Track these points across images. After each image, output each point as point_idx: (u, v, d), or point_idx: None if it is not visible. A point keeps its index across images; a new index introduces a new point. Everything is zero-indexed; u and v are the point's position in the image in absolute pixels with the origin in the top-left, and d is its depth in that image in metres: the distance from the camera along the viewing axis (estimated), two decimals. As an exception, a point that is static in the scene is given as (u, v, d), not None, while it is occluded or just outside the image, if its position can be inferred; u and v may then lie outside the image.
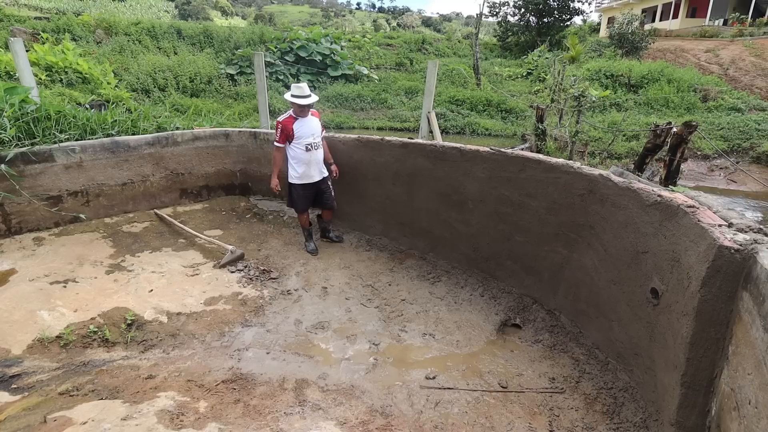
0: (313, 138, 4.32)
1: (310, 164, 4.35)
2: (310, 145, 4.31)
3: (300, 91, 4.19)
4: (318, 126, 4.41)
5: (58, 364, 2.89)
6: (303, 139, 4.27)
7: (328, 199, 4.62)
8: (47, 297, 3.49)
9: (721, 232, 2.03)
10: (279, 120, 4.26)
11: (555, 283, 3.54)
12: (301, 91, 4.19)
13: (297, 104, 4.17)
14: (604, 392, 2.80)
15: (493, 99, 17.57)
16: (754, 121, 13.51)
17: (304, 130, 4.28)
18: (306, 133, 4.28)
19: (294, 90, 4.21)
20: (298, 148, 4.28)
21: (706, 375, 2.08)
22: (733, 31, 22.63)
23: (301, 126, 4.27)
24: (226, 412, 2.52)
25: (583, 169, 3.15)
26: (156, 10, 38.90)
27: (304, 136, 4.27)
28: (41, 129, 4.51)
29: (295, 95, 4.18)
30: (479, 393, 2.83)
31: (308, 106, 4.24)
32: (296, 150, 4.29)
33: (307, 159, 4.32)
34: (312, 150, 4.33)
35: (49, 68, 13.03)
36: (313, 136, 4.32)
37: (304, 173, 4.38)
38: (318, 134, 4.38)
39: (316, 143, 4.35)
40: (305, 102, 4.16)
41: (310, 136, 4.29)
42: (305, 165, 4.34)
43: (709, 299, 2.00)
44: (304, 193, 4.48)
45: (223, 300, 3.80)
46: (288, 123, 4.24)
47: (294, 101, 4.18)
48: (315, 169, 4.42)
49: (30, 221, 4.37)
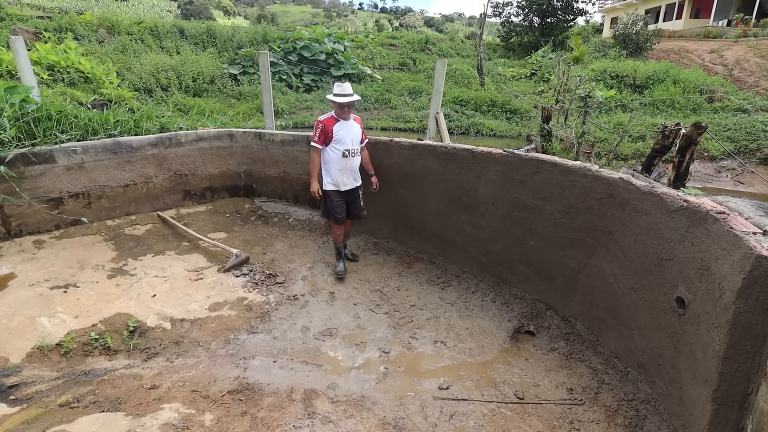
0: (352, 144, 4.02)
1: (344, 171, 4.04)
2: (348, 152, 4.00)
3: (341, 89, 3.93)
4: (359, 132, 4.11)
5: (58, 374, 2.79)
6: (341, 144, 3.97)
7: (356, 208, 4.26)
8: (47, 302, 3.39)
9: (756, 241, 1.92)
10: (320, 119, 3.99)
11: (570, 290, 3.43)
12: (343, 90, 3.92)
13: (337, 103, 3.90)
14: (625, 404, 2.69)
15: (498, 99, 17.42)
16: (761, 122, 13.37)
17: (344, 133, 3.99)
18: (346, 137, 3.98)
19: (335, 89, 3.96)
20: (335, 152, 3.97)
21: (741, 390, 1.98)
22: (737, 31, 22.47)
23: (342, 129, 3.98)
24: (232, 425, 2.41)
25: (602, 173, 3.04)
26: (158, 10, 38.86)
27: (343, 140, 3.98)
28: (42, 129, 4.42)
29: (337, 93, 3.92)
30: (495, 405, 2.72)
31: (349, 106, 3.98)
32: (332, 153, 3.98)
33: (342, 165, 4.01)
34: (349, 157, 4.01)
35: (51, 67, 12.93)
36: (353, 141, 4.02)
37: (338, 179, 4.04)
38: (358, 140, 4.09)
39: (354, 150, 4.04)
40: (345, 100, 3.88)
41: (349, 142, 3.99)
42: (339, 171, 4.02)
43: (745, 311, 1.89)
44: (339, 201, 4.11)
45: (228, 305, 3.70)
46: (329, 123, 3.95)
47: (334, 99, 3.92)
48: (349, 176, 4.10)
49: (30, 224, 4.27)
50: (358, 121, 4.15)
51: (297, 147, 5.29)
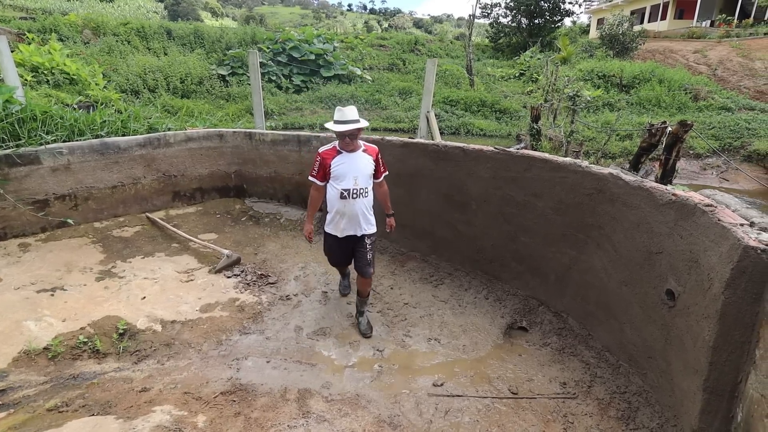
0: (355, 182, 3.16)
1: (342, 215, 3.23)
2: (347, 192, 3.15)
3: (342, 114, 3.09)
4: (368, 166, 3.24)
5: (46, 378, 2.73)
6: (340, 182, 3.15)
7: (360, 260, 3.34)
8: (34, 306, 3.32)
9: (744, 232, 1.95)
10: (320, 150, 3.24)
11: (562, 285, 3.45)
12: (343, 115, 3.08)
13: (335, 132, 3.11)
14: (618, 397, 2.72)
15: (487, 99, 17.54)
16: (745, 120, 13.64)
17: (345, 169, 3.15)
18: (347, 173, 3.15)
19: (335, 114, 3.14)
20: (333, 190, 3.21)
21: (730, 380, 2.01)
22: (720, 32, 22.91)
23: (342, 163, 3.16)
24: (226, 426, 2.39)
25: (592, 168, 3.07)
26: (145, 11, 38.42)
27: (343, 177, 3.15)
28: (26, 130, 4.34)
29: (337, 120, 3.09)
30: (489, 400, 2.73)
31: (353, 135, 3.14)
32: (330, 191, 3.25)
33: (340, 208, 3.20)
34: (348, 198, 3.16)
35: (35, 69, 12.72)
36: (357, 179, 3.17)
37: (335, 224, 3.29)
38: (366, 177, 3.23)
39: (358, 190, 3.18)
40: (344, 128, 3.05)
41: (350, 179, 3.15)
42: (336, 214, 3.25)
43: (733, 301, 1.92)
44: (335, 246, 3.41)
45: (220, 306, 3.66)
46: (327, 157, 3.19)
47: (332, 128, 3.12)
48: (349, 222, 3.25)
49: (15, 226, 4.19)
50: (371, 152, 3.31)
51: (288, 147, 5.26)
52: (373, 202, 3.36)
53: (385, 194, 3.55)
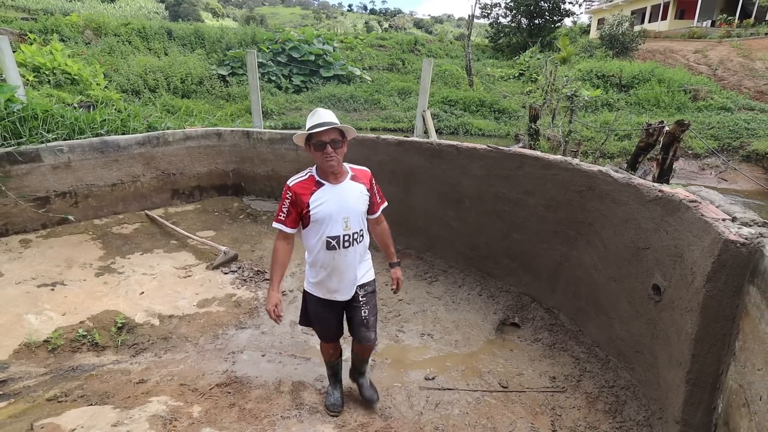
0: (346, 225, 2.23)
1: (332, 272, 2.29)
2: (335, 241, 2.23)
3: (316, 117, 2.18)
4: (360, 201, 2.29)
5: (46, 370, 2.79)
6: (325, 226, 2.20)
7: (358, 326, 2.42)
8: (34, 300, 3.38)
9: (725, 226, 2.00)
10: (289, 183, 2.21)
11: (554, 281, 3.50)
12: (318, 117, 2.17)
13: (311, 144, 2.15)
14: (606, 391, 2.77)
15: (486, 99, 17.60)
16: (744, 120, 13.68)
17: (329, 208, 2.19)
18: (331, 214, 2.19)
19: (307, 120, 2.21)
20: (315, 240, 2.25)
21: (712, 371, 2.05)
22: (721, 32, 22.93)
23: (325, 200, 2.19)
24: (220, 416, 2.44)
25: (582, 166, 3.12)
26: (146, 11, 38.59)
27: (327, 221, 2.20)
28: (28, 129, 4.40)
29: (311, 127, 2.13)
30: (480, 393, 2.78)
31: (333, 142, 2.12)
32: (311, 242, 2.29)
33: (326, 262, 2.27)
34: (338, 249, 2.24)
35: (36, 69, 12.80)
36: (347, 222, 2.23)
37: (323, 283, 2.33)
38: (358, 216, 2.28)
39: (350, 236, 2.25)
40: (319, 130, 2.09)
41: (340, 222, 2.21)
42: (324, 271, 2.29)
43: (714, 294, 1.97)
44: (322, 310, 2.41)
45: (217, 302, 3.72)
46: (303, 191, 2.19)
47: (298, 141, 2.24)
48: (341, 280, 2.32)
49: (16, 223, 4.25)
50: (363, 178, 2.35)
51: (285, 145, 5.32)
52: (369, 242, 2.45)
53: (385, 235, 2.58)
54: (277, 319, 2.31)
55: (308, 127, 2.17)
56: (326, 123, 2.14)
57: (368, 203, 2.37)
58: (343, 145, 2.21)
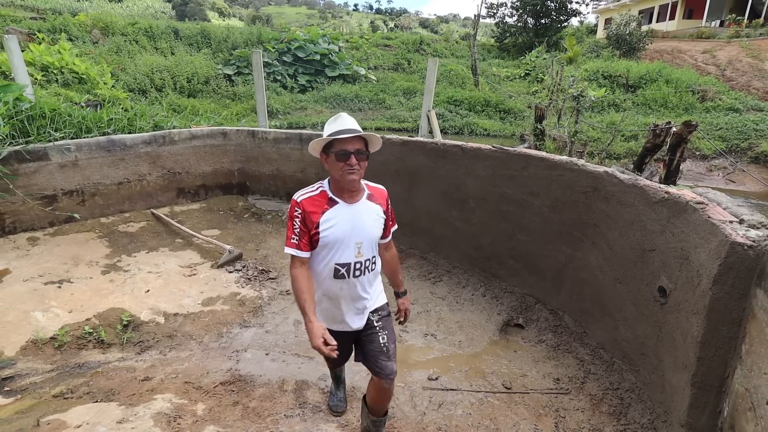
0: (358, 250, 1.96)
1: (339, 301, 2.03)
2: (345, 269, 1.96)
3: (340, 122, 1.90)
4: (376, 225, 2.03)
5: (52, 366, 2.82)
6: (334, 251, 1.94)
7: (378, 357, 2.05)
8: (41, 297, 3.42)
9: (732, 229, 1.98)
10: (297, 198, 1.94)
11: (558, 283, 3.49)
12: (342, 123, 1.90)
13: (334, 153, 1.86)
14: (610, 393, 2.75)
15: (492, 99, 17.56)
16: (752, 121, 13.55)
17: (342, 230, 1.92)
18: (343, 238, 1.93)
19: (328, 126, 1.94)
20: (321, 266, 1.97)
21: (718, 375, 2.04)
22: (730, 32, 22.73)
23: (337, 222, 1.92)
24: (224, 414, 2.45)
25: (587, 167, 3.10)
26: (153, 11, 38.83)
27: (338, 245, 1.93)
28: (36, 127, 4.44)
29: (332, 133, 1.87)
30: (483, 394, 2.78)
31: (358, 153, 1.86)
32: (317, 267, 1.99)
33: (334, 293, 2.01)
34: (347, 278, 1.98)
35: (45, 68, 12.93)
36: (359, 248, 1.97)
37: (328, 313, 2.07)
38: (373, 242, 2.03)
39: (362, 263, 1.99)
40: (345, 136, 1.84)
41: (352, 247, 1.95)
42: (329, 301, 2.05)
43: (721, 297, 1.95)
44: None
45: (221, 300, 3.73)
46: (313, 207, 1.91)
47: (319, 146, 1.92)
48: (349, 310, 2.06)
49: (24, 221, 4.29)
50: (379, 198, 2.11)
51: (290, 145, 5.34)
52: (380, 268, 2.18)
53: (393, 262, 2.29)
54: (332, 352, 1.73)
55: (329, 133, 1.88)
56: (351, 130, 1.86)
57: (382, 228, 2.08)
58: (367, 159, 1.94)
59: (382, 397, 2.10)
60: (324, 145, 1.91)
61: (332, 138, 1.86)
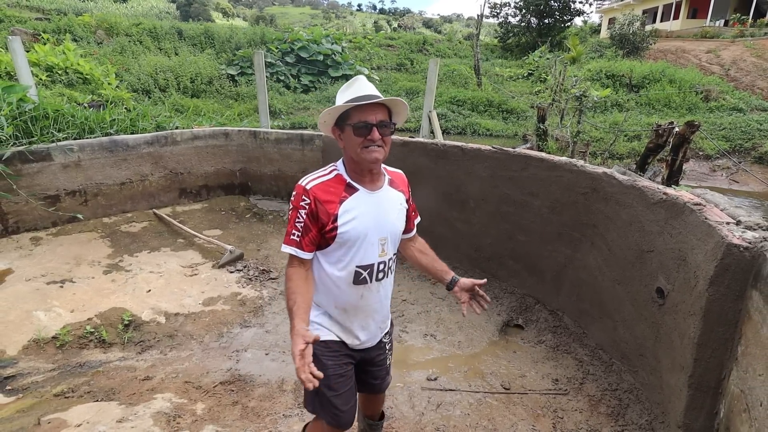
0: (382, 248, 1.61)
1: (357, 312, 1.66)
2: (368, 271, 1.60)
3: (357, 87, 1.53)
4: (400, 216, 1.70)
5: (54, 365, 2.85)
6: (356, 249, 1.56)
7: (377, 378, 1.85)
8: (43, 297, 3.45)
9: (729, 230, 1.98)
10: (304, 183, 1.54)
11: (558, 283, 3.49)
12: (360, 88, 1.52)
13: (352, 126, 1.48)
14: (609, 394, 2.75)
15: (495, 99, 17.53)
16: (756, 121, 13.47)
17: (366, 223, 1.56)
18: (368, 230, 1.57)
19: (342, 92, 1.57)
20: (338, 269, 1.58)
21: (714, 376, 2.04)
22: (734, 31, 22.61)
23: (361, 210, 1.55)
24: (223, 414, 2.47)
25: (587, 167, 3.11)
26: (157, 11, 39.00)
27: (362, 241, 1.56)
28: (39, 128, 4.48)
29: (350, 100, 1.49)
30: (481, 395, 2.78)
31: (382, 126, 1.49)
32: (332, 273, 1.59)
33: (352, 302, 1.63)
34: (370, 283, 1.62)
35: (49, 69, 13.00)
36: (383, 243, 1.61)
37: (344, 324, 1.67)
38: (397, 235, 1.71)
39: (386, 263, 1.65)
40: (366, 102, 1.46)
41: (374, 245, 1.59)
42: (344, 313, 1.65)
43: (717, 298, 1.95)
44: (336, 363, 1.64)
45: (222, 300, 3.76)
46: (328, 195, 1.53)
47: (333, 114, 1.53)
48: (367, 325, 1.70)
49: (27, 221, 4.33)
50: (400, 184, 1.79)
51: (291, 145, 5.36)
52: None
53: (426, 250, 1.96)
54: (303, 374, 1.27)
55: (346, 100, 1.48)
56: (372, 96, 1.47)
57: (406, 218, 1.76)
58: (393, 133, 1.55)
59: (378, 405, 2.05)
60: (338, 117, 1.51)
61: (349, 106, 1.46)
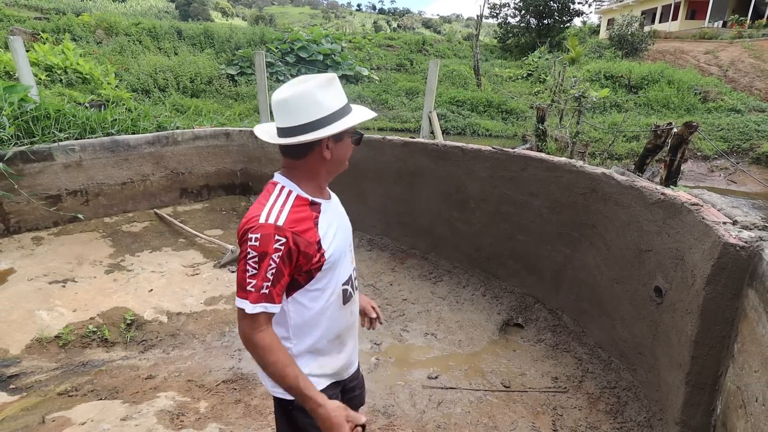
0: (351, 255, 1.49)
1: (350, 331, 1.48)
2: (349, 284, 1.43)
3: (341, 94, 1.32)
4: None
5: (57, 365, 2.87)
6: (339, 269, 1.37)
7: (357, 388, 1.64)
8: (46, 297, 3.47)
9: (725, 230, 2.01)
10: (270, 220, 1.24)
11: (557, 283, 3.52)
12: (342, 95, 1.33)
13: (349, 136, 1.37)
14: (608, 391, 2.78)
15: (494, 100, 17.57)
16: (754, 122, 13.53)
17: (340, 235, 1.39)
18: (345, 239, 1.43)
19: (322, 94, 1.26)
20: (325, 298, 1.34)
21: (711, 373, 2.07)
22: (732, 32, 22.66)
23: (331, 223, 1.36)
24: (226, 412, 2.49)
25: (586, 168, 3.13)
26: (156, 11, 39.00)
27: (342, 257, 1.39)
28: (40, 128, 4.49)
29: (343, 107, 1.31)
30: (482, 393, 2.81)
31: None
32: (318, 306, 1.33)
33: (345, 324, 1.44)
34: (353, 296, 1.48)
35: (49, 68, 13.01)
36: (351, 249, 1.49)
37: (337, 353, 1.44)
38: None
39: (354, 268, 1.51)
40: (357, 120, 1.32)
41: (347, 254, 1.43)
42: (338, 339, 1.42)
43: (714, 297, 1.98)
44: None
45: (224, 299, 3.78)
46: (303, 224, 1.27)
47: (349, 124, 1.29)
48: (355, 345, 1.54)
49: (29, 220, 4.34)
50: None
51: (292, 145, 5.38)
52: None
53: None
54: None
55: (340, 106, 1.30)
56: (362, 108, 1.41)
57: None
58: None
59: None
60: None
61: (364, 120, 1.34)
